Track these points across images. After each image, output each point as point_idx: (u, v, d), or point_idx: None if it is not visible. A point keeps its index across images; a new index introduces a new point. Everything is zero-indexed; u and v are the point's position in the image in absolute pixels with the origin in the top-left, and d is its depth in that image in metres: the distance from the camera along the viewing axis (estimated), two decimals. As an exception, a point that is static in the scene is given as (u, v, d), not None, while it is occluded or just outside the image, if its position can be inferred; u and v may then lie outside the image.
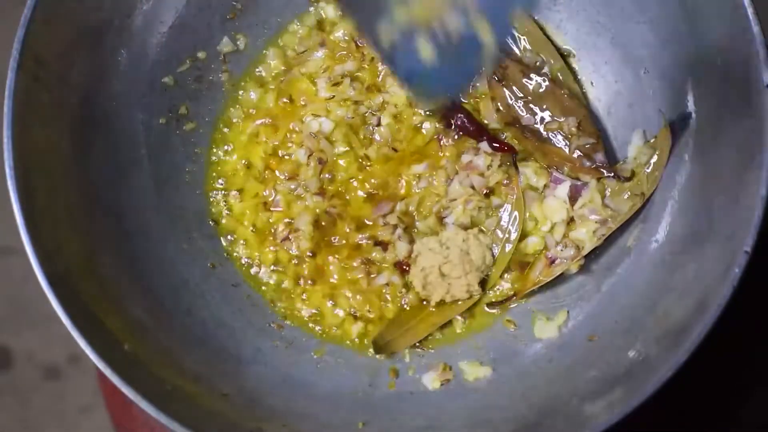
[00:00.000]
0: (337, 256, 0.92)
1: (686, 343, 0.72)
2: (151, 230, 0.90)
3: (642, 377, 0.73)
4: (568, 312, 0.89)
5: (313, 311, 0.92)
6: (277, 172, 0.95)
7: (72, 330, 0.75)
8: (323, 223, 0.93)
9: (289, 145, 0.95)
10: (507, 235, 0.91)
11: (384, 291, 0.91)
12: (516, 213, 0.91)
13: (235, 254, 0.94)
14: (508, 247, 0.91)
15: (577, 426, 0.75)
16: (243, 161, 0.95)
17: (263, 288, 0.93)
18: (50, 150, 0.83)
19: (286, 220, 0.93)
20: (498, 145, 0.92)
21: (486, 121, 0.94)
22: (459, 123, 0.93)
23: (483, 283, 0.90)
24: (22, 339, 1.34)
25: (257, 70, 0.97)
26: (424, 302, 0.90)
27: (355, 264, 0.92)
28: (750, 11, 0.75)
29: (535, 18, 0.95)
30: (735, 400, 0.97)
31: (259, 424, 0.81)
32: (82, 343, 0.75)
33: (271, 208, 0.94)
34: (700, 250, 0.79)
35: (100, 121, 0.88)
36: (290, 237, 0.93)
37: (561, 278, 0.89)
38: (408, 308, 0.90)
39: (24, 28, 0.79)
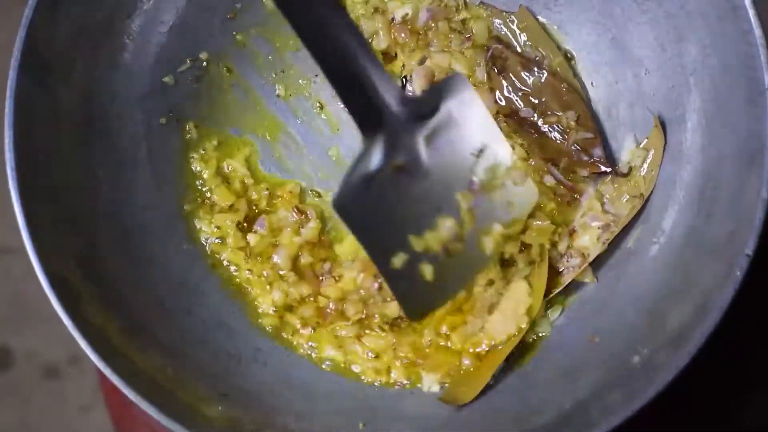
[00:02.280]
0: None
1: (688, 346, 0.72)
2: (151, 230, 0.90)
3: (643, 380, 0.73)
4: (562, 308, 0.89)
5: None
6: None
7: (72, 330, 0.75)
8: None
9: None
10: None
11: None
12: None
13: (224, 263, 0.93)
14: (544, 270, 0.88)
15: (577, 428, 0.75)
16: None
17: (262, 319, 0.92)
18: (51, 150, 0.83)
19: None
20: None
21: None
22: None
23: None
24: (22, 339, 1.34)
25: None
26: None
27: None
28: (751, 12, 0.75)
29: (536, 17, 0.95)
30: (737, 402, 0.97)
31: (259, 424, 0.81)
32: (82, 343, 0.75)
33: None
34: (701, 251, 0.79)
35: (100, 120, 0.88)
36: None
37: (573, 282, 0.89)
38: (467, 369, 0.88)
39: (25, 28, 0.79)
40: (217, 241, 0.92)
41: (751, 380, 0.98)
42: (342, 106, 0.78)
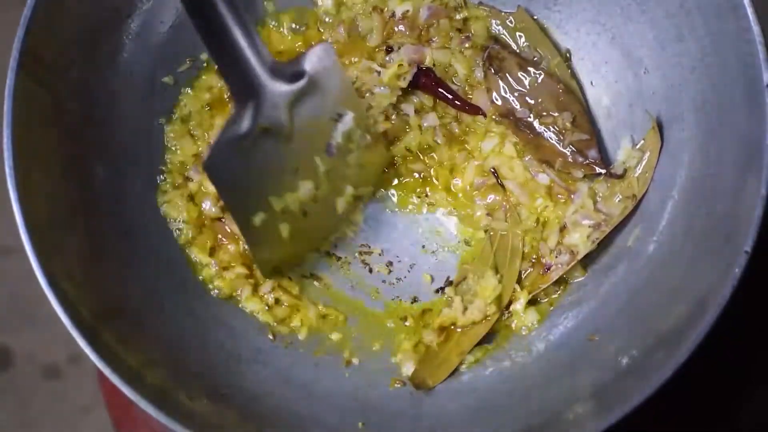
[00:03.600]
0: None
1: (686, 343, 0.72)
2: (151, 230, 0.90)
3: (642, 377, 0.73)
4: (551, 305, 0.89)
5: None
6: None
7: (72, 330, 0.75)
8: None
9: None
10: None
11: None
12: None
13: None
14: (517, 263, 0.90)
15: (577, 426, 0.75)
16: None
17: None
18: (50, 150, 0.83)
19: None
20: (460, 104, 0.93)
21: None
22: (423, 82, 0.94)
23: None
24: (22, 339, 1.34)
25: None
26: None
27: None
28: (750, 11, 0.75)
29: (535, 17, 0.95)
30: (735, 399, 0.97)
31: (259, 424, 0.81)
32: (82, 343, 0.75)
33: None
34: (700, 250, 0.79)
35: (100, 120, 0.88)
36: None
37: (561, 279, 0.90)
38: (435, 344, 0.89)
39: (24, 28, 0.79)
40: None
41: (750, 380, 0.98)
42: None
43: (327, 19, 0.97)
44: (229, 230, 0.92)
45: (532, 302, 0.90)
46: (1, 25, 0.98)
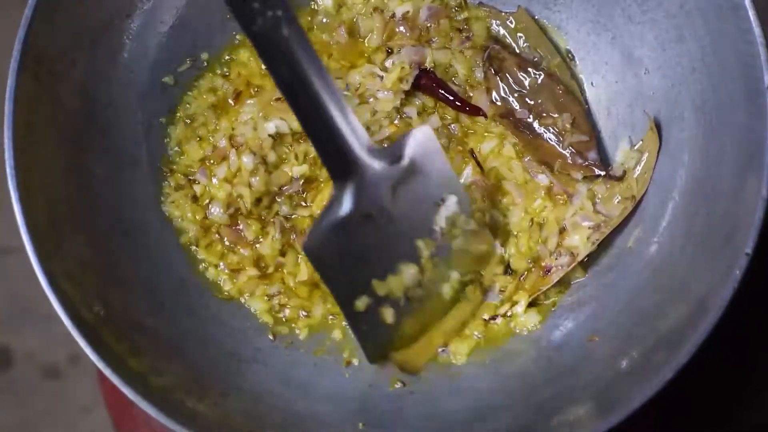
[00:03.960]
0: None
1: (687, 345, 0.72)
2: (151, 230, 0.90)
3: (643, 379, 0.73)
4: (554, 307, 0.89)
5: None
6: None
7: (71, 330, 0.75)
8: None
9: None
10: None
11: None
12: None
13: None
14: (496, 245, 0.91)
15: (577, 426, 0.75)
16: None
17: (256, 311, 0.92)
18: (50, 150, 0.83)
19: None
20: (460, 105, 0.93)
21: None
22: (424, 83, 0.93)
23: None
24: (22, 339, 1.34)
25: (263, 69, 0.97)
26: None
27: None
28: (751, 12, 0.75)
29: (535, 18, 0.95)
30: (736, 401, 0.97)
31: (259, 424, 0.81)
32: (82, 343, 0.75)
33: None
34: (700, 251, 0.79)
35: (100, 120, 0.88)
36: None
37: (562, 280, 0.90)
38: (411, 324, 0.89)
39: (25, 28, 0.79)
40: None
41: (751, 381, 0.98)
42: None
43: (324, 20, 0.96)
44: (243, 236, 0.91)
45: (533, 304, 0.89)
46: (2, 25, 0.99)
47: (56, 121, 0.83)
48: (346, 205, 0.81)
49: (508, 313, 0.90)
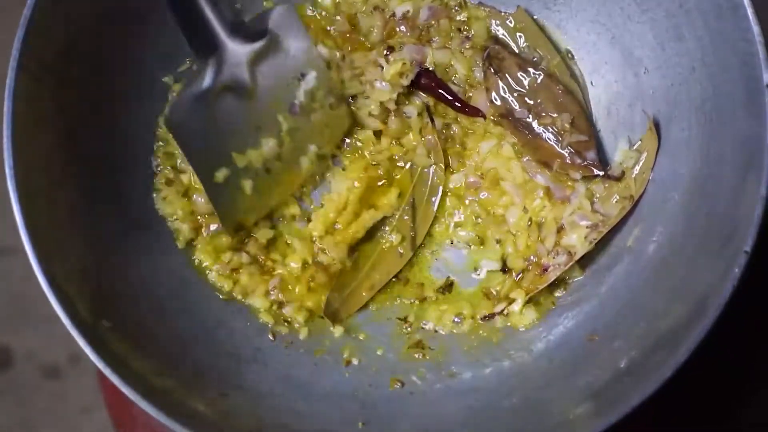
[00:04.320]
0: None
1: (686, 343, 0.72)
2: (151, 230, 0.90)
3: (642, 377, 0.73)
4: (553, 303, 0.89)
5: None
6: None
7: (71, 330, 0.75)
8: None
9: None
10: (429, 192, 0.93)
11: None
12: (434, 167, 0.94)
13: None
14: (435, 202, 0.93)
15: (577, 426, 0.75)
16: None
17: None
18: (50, 150, 0.83)
19: None
20: (460, 105, 0.93)
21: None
22: (424, 82, 0.94)
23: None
24: (22, 339, 1.34)
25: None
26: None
27: None
28: (750, 11, 0.75)
29: (535, 17, 0.95)
30: (735, 399, 0.97)
31: (259, 424, 0.81)
32: (82, 343, 0.75)
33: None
34: (700, 249, 0.79)
35: (100, 120, 0.88)
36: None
37: (559, 279, 0.90)
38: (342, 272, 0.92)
39: (24, 28, 0.79)
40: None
41: (750, 380, 0.98)
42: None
43: (323, 14, 0.97)
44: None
45: (531, 303, 0.90)
46: (2, 25, 0.98)
47: (56, 121, 0.83)
48: (207, 80, 0.85)
49: (505, 312, 0.90)
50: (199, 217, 0.92)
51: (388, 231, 0.94)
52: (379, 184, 0.93)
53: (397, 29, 0.95)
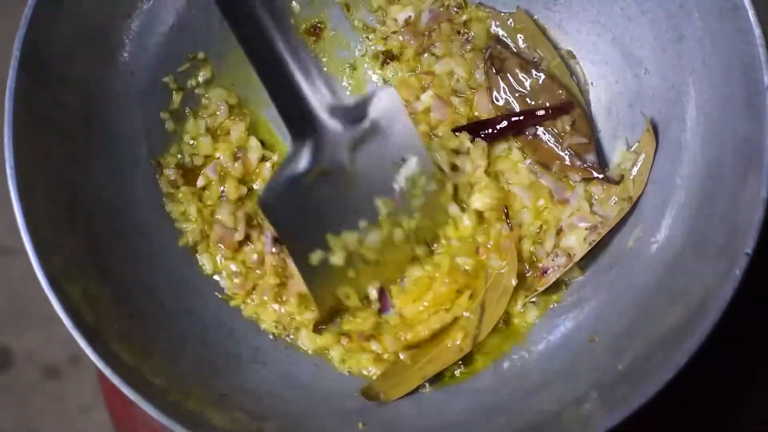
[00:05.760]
0: None
1: (687, 345, 0.72)
2: (151, 230, 0.90)
3: (643, 378, 0.73)
4: (553, 304, 0.89)
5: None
6: None
7: (71, 330, 0.75)
8: None
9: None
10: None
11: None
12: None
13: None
14: (504, 302, 0.89)
15: (577, 427, 0.75)
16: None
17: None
18: (50, 150, 0.83)
19: None
20: (544, 113, 0.91)
21: (476, 113, 0.94)
22: (500, 128, 0.92)
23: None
24: (22, 339, 1.34)
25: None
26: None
27: None
28: (750, 12, 0.75)
29: (535, 18, 0.95)
30: (735, 401, 0.97)
31: (259, 424, 0.81)
32: (82, 343, 0.75)
33: None
34: (700, 251, 0.79)
35: (100, 120, 0.88)
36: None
37: (560, 280, 0.90)
38: (400, 362, 0.88)
39: (25, 27, 0.79)
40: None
41: (750, 380, 0.98)
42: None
43: None
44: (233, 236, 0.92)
45: (531, 304, 0.90)
46: (2, 25, 0.98)
47: (56, 121, 0.83)
48: (304, 162, 0.82)
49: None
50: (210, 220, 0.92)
51: (453, 329, 0.89)
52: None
53: (401, 39, 0.95)
